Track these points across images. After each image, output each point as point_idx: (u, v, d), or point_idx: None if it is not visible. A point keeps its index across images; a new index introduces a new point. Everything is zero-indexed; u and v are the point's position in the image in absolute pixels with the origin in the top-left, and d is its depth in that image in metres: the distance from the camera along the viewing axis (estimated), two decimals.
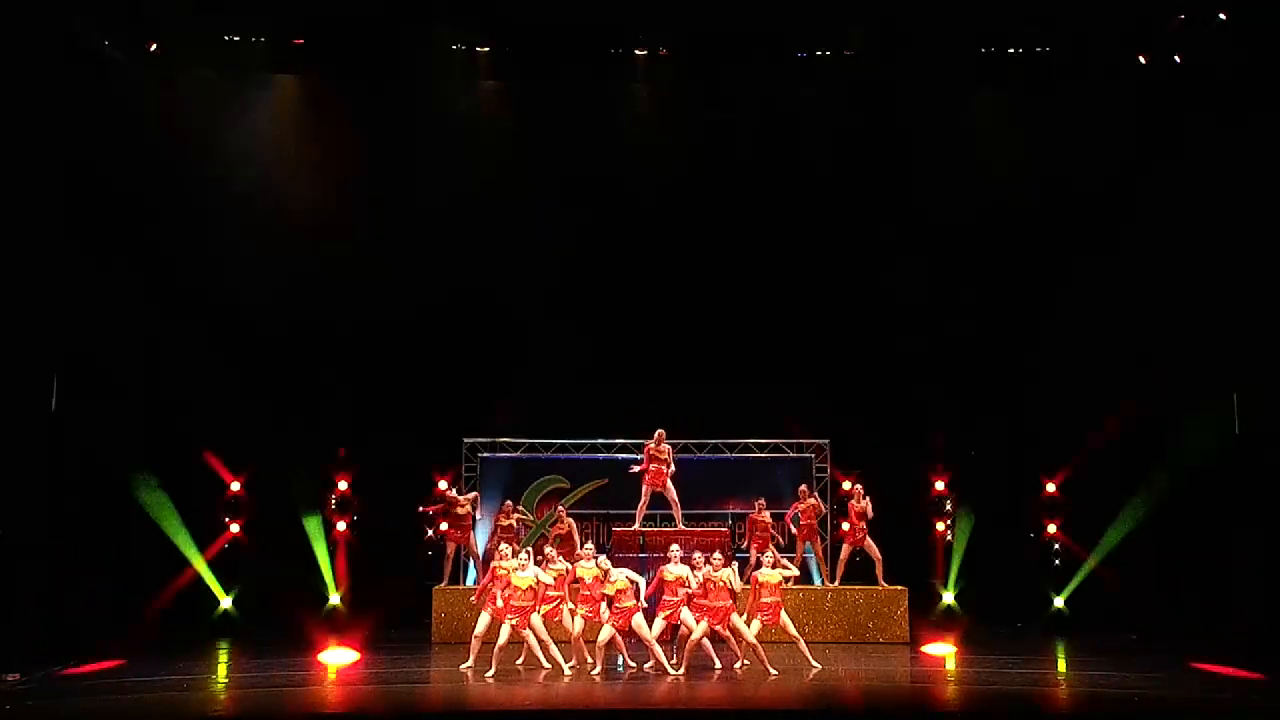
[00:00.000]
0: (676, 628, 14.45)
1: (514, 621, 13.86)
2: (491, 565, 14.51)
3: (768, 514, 17.43)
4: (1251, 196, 17.48)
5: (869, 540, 17.49)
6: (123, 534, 18.27)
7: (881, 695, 13.26)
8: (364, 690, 13.49)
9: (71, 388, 17.42)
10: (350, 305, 19.87)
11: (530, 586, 13.96)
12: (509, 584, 13.92)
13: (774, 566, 14.68)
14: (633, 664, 14.46)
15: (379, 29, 18.78)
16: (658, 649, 14.08)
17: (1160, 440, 18.75)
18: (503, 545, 14.82)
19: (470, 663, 14.25)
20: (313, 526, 19.81)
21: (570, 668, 14.24)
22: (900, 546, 18.38)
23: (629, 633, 14.15)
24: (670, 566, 14.28)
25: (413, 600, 18.48)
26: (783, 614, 14.46)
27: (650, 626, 14.13)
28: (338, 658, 15.30)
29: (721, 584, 14.02)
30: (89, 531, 17.64)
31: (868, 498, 17.57)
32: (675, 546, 14.65)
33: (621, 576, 14.23)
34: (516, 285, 20.20)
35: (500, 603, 13.92)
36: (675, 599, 14.12)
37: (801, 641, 14.60)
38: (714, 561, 14.18)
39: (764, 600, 14.41)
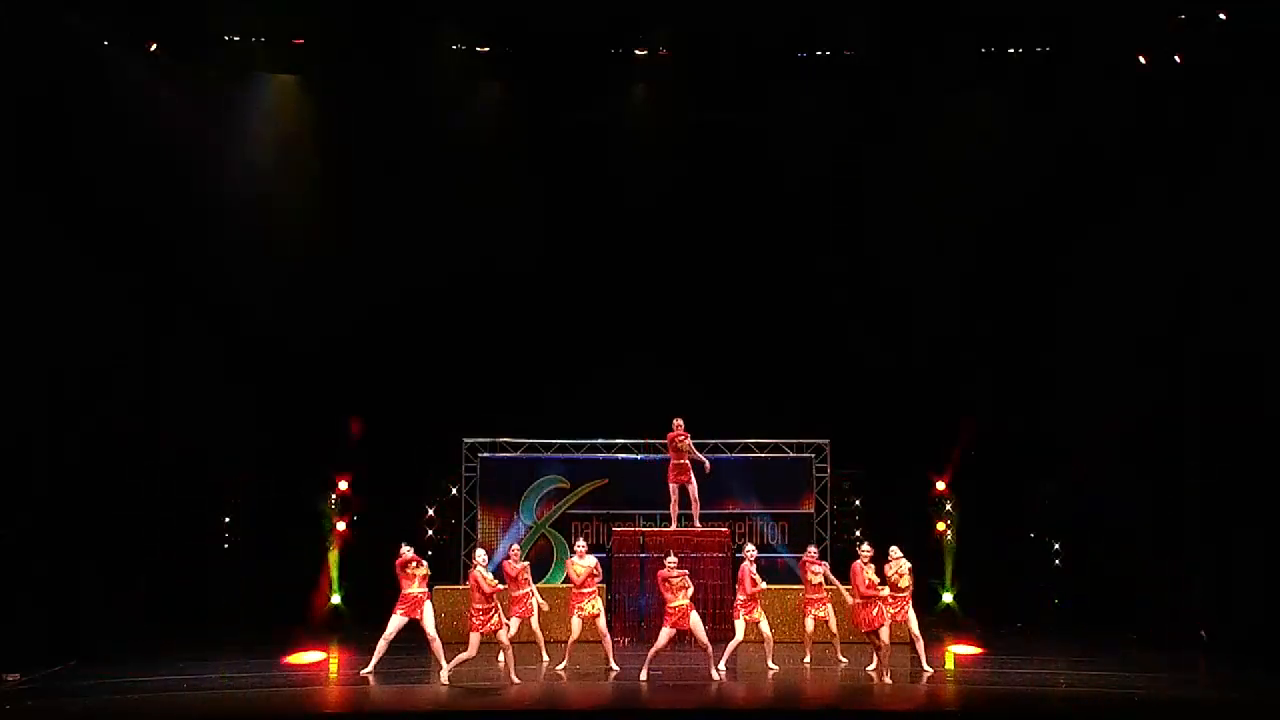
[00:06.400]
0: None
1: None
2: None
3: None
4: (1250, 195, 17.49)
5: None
6: (123, 534, 18.27)
7: (882, 695, 13.26)
8: (364, 690, 13.49)
9: (71, 387, 17.39)
10: (350, 305, 19.85)
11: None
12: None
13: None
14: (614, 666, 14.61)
15: (379, 29, 18.77)
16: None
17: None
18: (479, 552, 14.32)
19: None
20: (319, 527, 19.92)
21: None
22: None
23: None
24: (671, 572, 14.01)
25: None
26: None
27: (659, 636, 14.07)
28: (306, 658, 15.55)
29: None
30: (89, 531, 17.63)
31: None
32: (671, 558, 14.23)
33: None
34: (517, 285, 20.21)
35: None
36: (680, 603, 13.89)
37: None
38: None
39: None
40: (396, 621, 13.99)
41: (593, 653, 15.36)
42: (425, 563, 14.37)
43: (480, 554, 13.96)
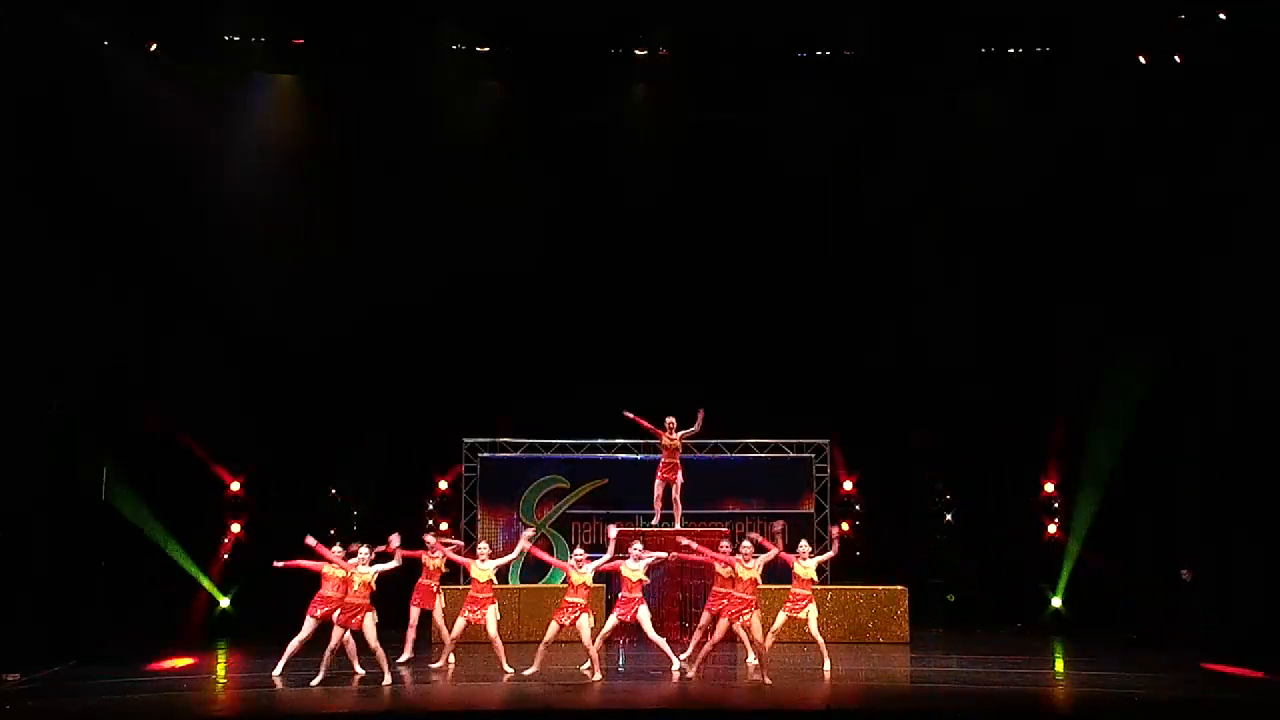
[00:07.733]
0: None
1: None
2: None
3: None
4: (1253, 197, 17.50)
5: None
6: (121, 535, 18.27)
7: (881, 695, 13.26)
8: (364, 690, 13.48)
9: (71, 387, 17.40)
10: (349, 306, 19.84)
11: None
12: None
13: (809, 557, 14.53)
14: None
15: (379, 29, 18.78)
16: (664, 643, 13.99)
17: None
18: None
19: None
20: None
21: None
22: (900, 547, 18.40)
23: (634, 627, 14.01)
24: (631, 564, 13.96)
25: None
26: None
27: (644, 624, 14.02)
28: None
29: (749, 578, 13.39)
30: (89, 531, 17.65)
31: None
32: (638, 544, 14.23)
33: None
34: (517, 285, 20.20)
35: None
36: (633, 597, 13.86)
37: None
38: (744, 551, 13.48)
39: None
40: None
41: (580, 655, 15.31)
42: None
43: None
